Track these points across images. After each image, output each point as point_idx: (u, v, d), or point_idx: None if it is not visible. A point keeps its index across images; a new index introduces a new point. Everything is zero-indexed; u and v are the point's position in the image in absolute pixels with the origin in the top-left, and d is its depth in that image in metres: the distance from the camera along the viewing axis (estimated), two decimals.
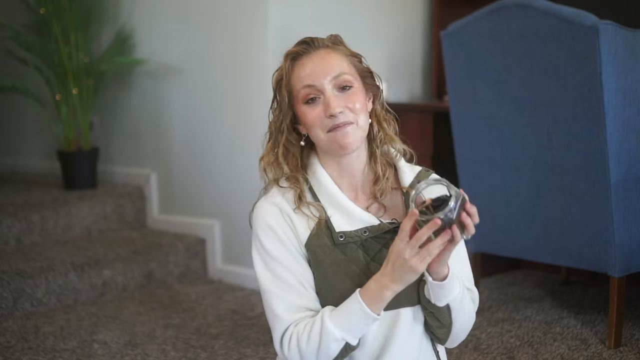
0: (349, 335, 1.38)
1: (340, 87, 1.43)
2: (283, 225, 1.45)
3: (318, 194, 1.47)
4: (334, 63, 1.44)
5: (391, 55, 3.51)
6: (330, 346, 1.38)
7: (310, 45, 1.45)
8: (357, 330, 1.38)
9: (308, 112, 1.43)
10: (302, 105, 1.44)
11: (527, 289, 3.03)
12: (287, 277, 1.43)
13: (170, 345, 2.52)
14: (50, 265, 2.93)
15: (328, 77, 1.42)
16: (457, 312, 1.44)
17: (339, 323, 1.37)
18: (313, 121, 1.43)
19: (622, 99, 2.26)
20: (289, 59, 1.45)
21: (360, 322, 1.37)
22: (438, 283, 1.38)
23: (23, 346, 2.51)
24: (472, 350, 2.38)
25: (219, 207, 3.33)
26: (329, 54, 1.45)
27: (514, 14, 2.42)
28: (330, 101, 1.41)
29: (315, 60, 1.44)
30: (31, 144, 4.32)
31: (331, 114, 1.41)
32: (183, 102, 3.46)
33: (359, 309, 1.36)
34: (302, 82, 1.43)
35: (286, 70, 1.45)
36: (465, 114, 2.68)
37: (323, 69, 1.43)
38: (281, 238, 1.44)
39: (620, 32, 2.22)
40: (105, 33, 3.73)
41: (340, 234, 1.44)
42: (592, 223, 2.37)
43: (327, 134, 1.43)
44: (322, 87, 1.42)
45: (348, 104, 1.42)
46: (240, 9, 3.17)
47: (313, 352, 1.39)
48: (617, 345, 2.36)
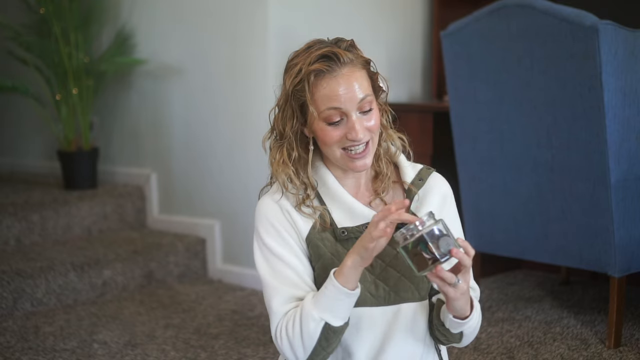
0: (326, 314, 1.37)
1: (362, 110, 1.43)
2: (283, 222, 1.46)
3: (320, 191, 1.49)
4: (359, 84, 1.42)
5: (391, 55, 3.51)
6: (310, 327, 1.38)
7: (335, 62, 1.41)
8: (334, 308, 1.37)
9: (328, 131, 1.43)
10: (322, 122, 1.43)
11: (527, 289, 3.03)
12: (286, 272, 1.44)
13: (170, 345, 2.52)
14: (50, 265, 2.93)
15: (355, 102, 1.42)
16: (468, 336, 1.47)
17: (316, 303, 1.38)
18: (332, 139, 1.43)
19: (622, 99, 2.26)
20: (313, 75, 1.41)
21: (334, 298, 1.36)
22: (458, 321, 1.40)
23: (23, 346, 2.51)
24: (472, 350, 2.38)
25: (219, 207, 3.33)
26: (353, 74, 1.42)
27: (514, 14, 2.42)
28: (356, 125, 1.42)
29: (341, 81, 1.41)
30: (31, 144, 4.32)
31: (354, 139, 1.42)
32: (183, 102, 3.46)
33: (330, 284, 1.37)
34: (328, 104, 1.41)
35: (309, 84, 1.42)
36: (465, 114, 2.68)
37: (351, 93, 1.41)
38: (281, 234, 1.46)
39: (620, 32, 2.22)
40: (105, 33, 3.73)
41: (342, 229, 1.46)
42: (592, 223, 2.37)
43: (343, 152, 1.44)
44: (347, 111, 1.42)
45: (367, 125, 1.43)
46: (240, 9, 3.17)
47: (297, 336, 1.39)
48: (617, 345, 2.36)
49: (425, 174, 1.53)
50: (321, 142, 1.45)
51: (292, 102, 1.44)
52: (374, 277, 1.44)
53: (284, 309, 1.43)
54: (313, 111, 1.42)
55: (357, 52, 1.46)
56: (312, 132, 1.46)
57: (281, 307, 1.43)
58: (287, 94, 1.45)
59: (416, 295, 1.46)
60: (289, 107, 1.45)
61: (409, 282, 1.44)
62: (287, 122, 1.46)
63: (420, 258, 1.29)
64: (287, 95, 1.45)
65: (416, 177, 1.52)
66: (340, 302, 1.37)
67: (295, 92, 1.43)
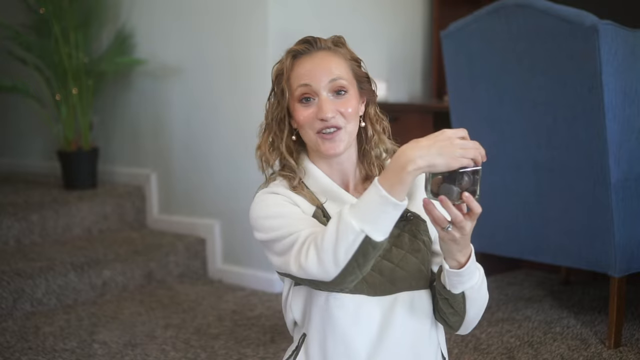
0: (368, 226, 1.26)
1: (335, 91, 1.46)
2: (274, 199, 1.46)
3: (312, 188, 1.50)
4: (333, 66, 1.47)
5: (391, 55, 3.51)
6: (349, 239, 1.27)
7: (312, 45, 1.48)
8: (379, 221, 1.27)
9: (301, 111, 1.47)
10: (296, 102, 1.47)
11: (527, 289, 3.03)
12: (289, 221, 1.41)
13: (170, 345, 2.52)
14: (50, 265, 2.93)
15: (325, 80, 1.45)
16: (472, 301, 1.44)
17: (356, 213, 1.28)
18: (304, 120, 1.46)
19: (622, 99, 2.26)
20: (290, 56, 1.49)
21: (380, 210, 1.26)
22: (454, 271, 1.39)
23: (23, 346, 2.51)
24: (472, 350, 2.38)
25: (219, 207, 3.33)
26: (329, 57, 1.48)
27: (514, 14, 2.42)
28: (324, 104, 1.44)
29: (315, 61, 1.47)
30: (31, 144, 4.32)
31: (322, 117, 1.44)
32: (183, 102, 3.46)
33: (376, 193, 1.26)
34: (299, 81, 1.46)
35: (287, 67, 1.48)
36: (465, 114, 2.68)
37: (321, 71, 1.46)
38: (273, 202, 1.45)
39: (620, 32, 2.22)
40: (105, 33, 3.73)
41: None
42: (592, 223, 2.37)
43: (317, 135, 1.46)
44: (317, 89, 1.45)
45: (340, 109, 1.46)
46: (240, 9, 3.17)
47: (330, 247, 1.28)
48: (617, 345, 2.36)
49: None
50: (298, 125, 1.48)
51: (276, 88, 1.50)
52: (370, 270, 1.44)
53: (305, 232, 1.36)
54: (288, 92, 1.47)
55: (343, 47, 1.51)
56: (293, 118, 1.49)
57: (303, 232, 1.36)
58: (272, 81, 1.52)
59: (413, 285, 1.46)
60: (273, 93, 1.52)
61: (404, 271, 1.44)
62: (275, 108, 1.51)
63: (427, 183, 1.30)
64: (272, 82, 1.52)
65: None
66: (387, 214, 1.27)
67: (277, 78, 1.50)
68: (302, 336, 1.50)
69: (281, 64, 1.50)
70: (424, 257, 1.47)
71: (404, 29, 3.57)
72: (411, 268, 1.45)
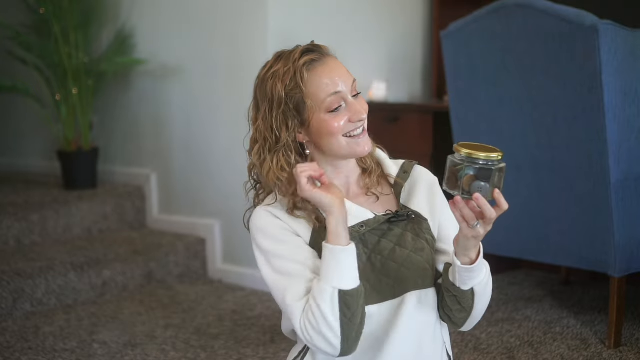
0: (335, 281, 1.35)
1: (355, 93, 1.47)
2: (277, 223, 1.46)
3: None
4: (346, 70, 1.47)
5: (391, 55, 3.51)
6: (327, 300, 1.35)
7: (320, 52, 1.46)
8: (338, 271, 1.36)
9: (333, 120, 1.43)
10: (323, 114, 1.43)
11: (527, 289, 3.03)
12: (290, 268, 1.43)
13: (170, 345, 2.52)
14: (50, 265, 2.93)
15: (349, 84, 1.45)
16: (480, 296, 1.45)
17: (321, 277, 1.37)
18: (337, 128, 1.44)
19: (622, 99, 2.26)
20: (304, 69, 1.42)
21: (334, 262, 1.36)
22: (466, 267, 1.39)
23: (23, 346, 2.51)
24: (472, 350, 2.38)
25: (219, 207, 3.33)
26: (337, 61, 1.48)
27: (514, 14, 2.42)
28: (356, 107, 1.44)
29: (332, 67, 1.45)
30: (31, 144, 4.32)
31: (359, 118, 1.44)
32: (183, 102, 3.46)
33: (326, 250, 1.37)
34: (327, 90, 1.43)
35: (303, 79, 1.42)
36: (465, 114, 2.68)
37: (343, 76, 1.45)
38: (276, 235, 1.45)
39: (620, 32, 2.22)
40: (105, 33, 3.73)
41: None
42: (592, 223, 2.37)
43: (348, 139, 1.45)
44: (346, 95, 1.44)
45: (364, 107, 1.47)
46: (240, 10, 3.17)
47: (321, 321, 1.36)
48: (617, 345, 2.36)
49: (409, 167, 1.56)
50: (325, 134, 1.44)
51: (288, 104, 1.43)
52: (375, 273, 1.44)
53: (301, 305, 1.40)
54: (312, 105, 1.42)
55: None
56: (310, 130, 1.45)
57: (298, 304, 1.40)
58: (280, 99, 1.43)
59: (419, 283, 1.46)
60: (282, 112, 1.44)
61: (409, 271, 1.45)
62: (283, 127, 1.44)
63: (452, 179, 1.32)
64: (280, 100, 1.43)
65: (400, 171, 1.55)
66: (341, 263, 1.36)
67: (289, 93, 1.43)
68: None
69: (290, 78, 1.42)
70: (428, 255, 1.47)
71: (404, 29, 3.57)
72: (416, 267, 1.45)
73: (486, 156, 1.29)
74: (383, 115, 3.09)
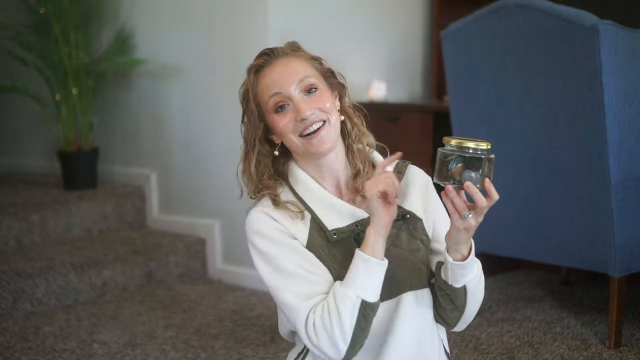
0: (361, 291, 1.36)
1: (306, 90, 1.46)
2: (273, 224, 1.46)
3: (305, 197, 1.49)
4: (297, 68, 1.47)
5: (391, 55, 3.51)
6: (348, 308, 1.36)
7: (270, 55, 1.49)
8: (367, 283, 1.37)
9: (279, 120, 1.46)
10: (272, 114, 1.47)
11: (527, 289, 3.03)
12: (290, 268, 1.43)
13: (170, 345, 2.52)
14: (50, 265, 2.93)
15: (293, 82, 1.45)
16: (472, 294, 1.45)
17: (348, 283, 1.37)
18: (285, 128, 1.45)
19: (622, 99, 2.26)
20: (252, 72, 1.49)
21: (365, 272, 1.36)
22: (458, 263, 1.40)
23: (23, 346, 2.51)
24: (472, 350, 2.38)
25: (219, 207, 3.33)
26: (290, 61, 1.48)
27: (514, 14, 2.41)
28: (300, 105, 1.44)
29: (278, 69, 1.47)
30: (31, 144, 4.32)
31: (302, 117, 1.44)
32: (183, 102, 3.46)
33: (359, 258, 1.37)
34: (269, 92, 1.46)
35: (251, 84, 1.48)
36: (465, 114, 2.68)
37: (287, 75, 1.46)
38: (272, 236, 1.45)
39: (620, 32, 2.22)
40: (105, 33, 3.73)
41: (333, 231, 1.45)
42: (592, 223, 2.37)
43: (302, 139, 1.46)
44: (289, 94, 1.45)
45: (317, 105, 1.45)
46: (240, 10, 3.17)
47: (336, 324, 1.36)
48: (617, 345, 2.36)
49: (403, 167, 1.56)
50: (279, 136, 1.47)
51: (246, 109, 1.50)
52: None
53: (305, 305, 1.40)
54: (262, 108, 1.47)
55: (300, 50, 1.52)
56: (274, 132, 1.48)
57: (302, 304, 1.40)
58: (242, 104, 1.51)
59: (414, 284, 1.46)
60: (246, 116, 1.51)
61: (404, 271, 1.45)
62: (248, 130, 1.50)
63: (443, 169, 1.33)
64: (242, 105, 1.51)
65: (394, 171, 1.55)
66: (372, 275, 1.37)
67: (246, 99, 1.49)
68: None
69: (245, 85, 1.50)
70: (423, 255, 1.47)
71: (404, 29, 3.57)
72: (411, 267, 1.46)
73: (475, 145, 1.31)
74: (383, 115, 3.09)
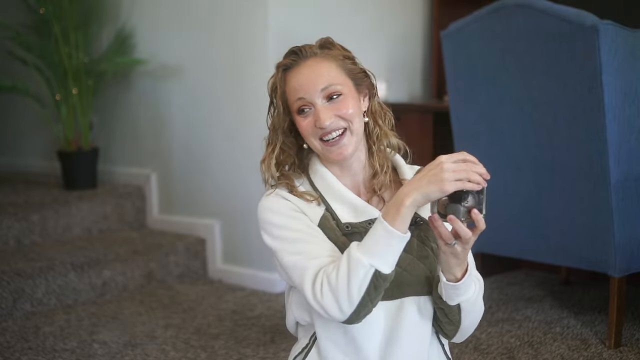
0: (376, 261, 1.32)
1: (329, 97, 1.47)
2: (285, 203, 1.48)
3: (322, 190, 1.50)
4: (322, 73, 1.47)
5: (391, 55, 3.51)
6: (359, 275, 1.32)
7: (299, 55, 1.49)
8: (385, 254, 1.33)
9: (301, 121, 1.48)
10: (295, 115, 1.49)
11: (527, 289, 3.03)
12: (297, 235, 1.43)
13: (170, 345, 2.52)
14: (50, 265, 2.93)
15: (317, 89, 1.46)
16: (467, 312, 1.45)
17: (364, 250, 1.33)
18: (306, 130, 1.48)
19: (622, 99, 2.26)
20: (281, 70, 1.50)
21: (385, 244, 1.32)
22: (451, 284, 1.40)
23: (23, 346, 2.51)
24: (472, 350, 2.38)
25: (219, 207, 3.33)
26: (318, 64, 1.48)
27: (514, 14, 2.42)
28: (320, 113, 1.45)
29: (304, 71, 1.48)
30: (31, 144, 4.32)
31: (320, 126, 1.45)
32: (183, 102, 3.46)
33: (381, 227, 1.33)
34: (295, 95, 1.48)
35: (279, 82, 1.50)
36: (465, 114, 2.68)
37: (312, 81, 1.46)
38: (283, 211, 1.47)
39: (620, 32, 2.22)
40: (105, 33, 3.73)
41: (346, 224, 1.46)
42: (592, 223, 2.37)
43: (322, 144, 1.48)
44: (312, 100, 1.46)
45: (338, 113, 1.46)
46: (240, 9, 3.17)
47: (344, 286, 1.33)
48: (617, 345, 2.36)
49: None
50: (303, 136, 1.50)
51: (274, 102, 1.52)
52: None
53: (315, 263, 1.39)
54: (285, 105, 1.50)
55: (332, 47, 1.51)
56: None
57: (311, 262, 1.39)
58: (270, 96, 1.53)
59: (418, 290, 1.46)
60: (272, 107, 1.53)
61: (411, 276, 1.45)
62: (275, 121, 1.52)
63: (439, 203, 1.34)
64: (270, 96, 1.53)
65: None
66: (392, 247, 1.33)
67: (274, 92, 1.52)
68: (313, 335, 1.50)
69: (274, 79, 1.52)
70: (431, 263, 1.47)
71: (404, 29, 3.57)
72: (418, 273, 1.45)
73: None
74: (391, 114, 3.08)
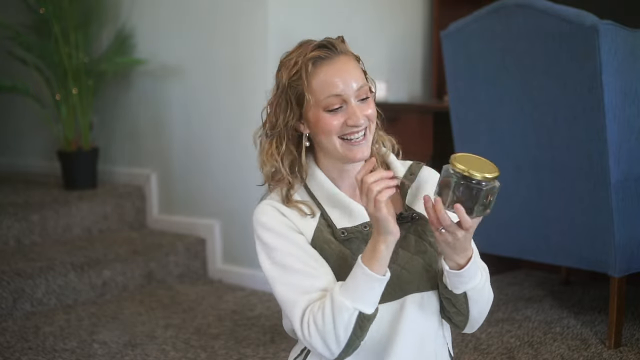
0: (359, 304, 1.35)
1: (361, 97, 1.45)
2: (280, 218, 1.46)
3: (317, 195, 1.49)
4: (356, 72, 1.46)
5: (391, 55, 3.51)
6: (344, 318, 1.35)
7: (332, 50, 1.45)
8: (367, 296, 1.36)
9: (329, 119, 1.44)
10: (321, 111, 1.44)
11: (527, 289, 3.03)
12: (290, 261, 1.43)
13: (170, 345, 2.52)
14: (50, 265, 2.93)
15: (353, 88, 1.44)
16: (474, 301, 1.45)
17: (347, 293, 1.36)
18: (331, 126, 1.44)
19: (622, 99, 2.26)
20: (311, 62, 1.44)
21: (366, 287, 1.35)
22: (454, 272, 1.40)
23: (23, 346, 2.51)
24: (472, 350, 2.38)
25: (219, 207, 3.33)
26: (350, 62, 1.46)
27: (514, 14, 2.42)
28: (356, 111, 1.43)
29: (340, 67, 1.45)
30: (31, 144, 4.32)
31: (355, 124, 1.43)
32: (183, 102, 3.46)
33: (361, 272, 1.35)
34: (329, 91, 1.43)
35: (307, 74, 1.44)
36: (465, 114, 2.68)
37: (349, 79, 1.44)
38: (277, 229, 1.45)
39: (620, 32, 2.22)
40: (105, 33, 3.73)
41: (342, 230, 1.46)
42: (592, 223, 2.37)
43: (343, 142, 1.45)
44: (348, 98, 1.44)
45: (365, 112, 1.45)
46: (240, 10, 3.17)
47: (330, 329, 1.36)
48: (617, 345, 2.36)
49: (416, 169, 1.56)
50: (320, 132, 1.45)
51: (289, 93, 1.46)
52: None
53: (302, 299, 1.40)
54: (310, 99, 1.44)
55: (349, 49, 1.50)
56: (309, 124, 1.47)
57: (299, 297, 1.40)
58: (283, 86, 1.47)
59: (420, 287, 1.46)
60: (283, 99, 1.47)
61: (410, 274, 1.45)
62: (281, 114, 1.48)
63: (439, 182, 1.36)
64: (283, 87, 1.47)
65: (407, 172, 1.55)
66: (374, 290, 1.36)
67: (292, 83, 1.45)
68: None
69: (296, 70, 1.44)
70: (430, 257, 1.47)
71: (404, 29, 3.57)
72: (417, 270, 1.45)
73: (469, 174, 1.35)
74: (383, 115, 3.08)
